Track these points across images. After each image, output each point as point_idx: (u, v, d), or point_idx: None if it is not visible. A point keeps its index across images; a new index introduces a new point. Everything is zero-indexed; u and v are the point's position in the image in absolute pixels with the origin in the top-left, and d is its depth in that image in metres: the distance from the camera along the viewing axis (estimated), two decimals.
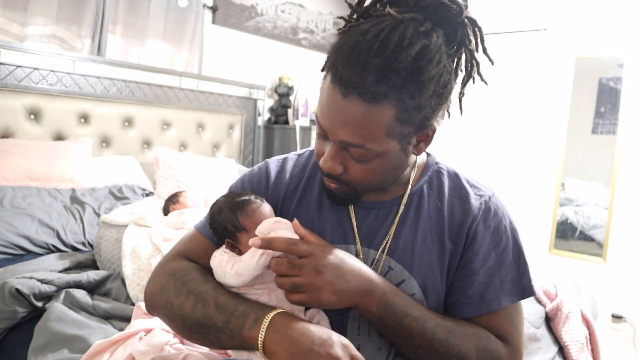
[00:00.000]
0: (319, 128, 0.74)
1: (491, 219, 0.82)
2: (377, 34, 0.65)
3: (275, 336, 0.65)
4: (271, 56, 3.45)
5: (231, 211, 0.80)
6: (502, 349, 0.78)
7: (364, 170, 0.73)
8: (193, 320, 0.73)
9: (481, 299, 0.79)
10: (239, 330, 0.68)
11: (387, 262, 0.80)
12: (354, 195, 0.79)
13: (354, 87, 0.65)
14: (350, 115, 0.67)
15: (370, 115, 0.66)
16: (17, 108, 2.19)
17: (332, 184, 0.77)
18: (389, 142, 0.70)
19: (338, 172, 0.74)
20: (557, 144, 3.16)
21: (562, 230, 3.17)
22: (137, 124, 2.65)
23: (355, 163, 0.73)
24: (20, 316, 1.32)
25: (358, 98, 0.65)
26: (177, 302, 0.76)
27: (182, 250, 0.88)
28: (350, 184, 0.76)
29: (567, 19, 3.08)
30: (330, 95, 0.68)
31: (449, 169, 0.88)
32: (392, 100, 0.65)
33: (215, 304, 0.72)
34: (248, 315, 0.69)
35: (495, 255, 0.81)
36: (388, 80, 0.64)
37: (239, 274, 0.74)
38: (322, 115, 0.71)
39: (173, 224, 1.77)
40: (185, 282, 0.78)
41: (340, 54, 0.67)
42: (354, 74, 0.65)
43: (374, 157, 0.71)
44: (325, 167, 0.74)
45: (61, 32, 2.39)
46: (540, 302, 1.61)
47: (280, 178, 0.89)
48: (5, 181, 1.98)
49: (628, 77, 2.89)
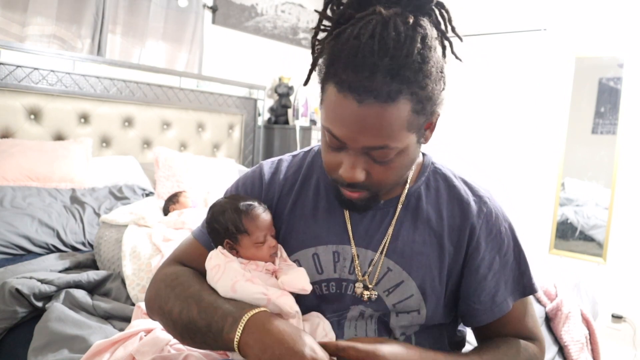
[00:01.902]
0: (333, 140, 0.71)
1: (492, 223, 0.82)
2: (372, 35, 0.64)
3: (249, 338, 0.66)
4: (271, 56, 3.45)
5: (235, 213, 0.81)
6: (535, 349, 0.82)
7: (385, 170, 0.72)
8: (181, 326, 0.74)
9: (493, 302, 0.81)
10: (219, 333, 0.69)
11: (386, 264, 0.80)
12: (375, 200, 0.77)
13: (368, 92, 0.64)
14: (370, 120, 0.66)
15: (389, 114, 0.65)
16: (17, 108, 2.19)
17: (355, 194, 0.75)
18: (408, 137, 0.69)
19: (361, 180, 0.72)
20: (557, 144, 3.16)
21: (562, 230, 3.17)
22: (137, 124, 2.65)
23: (376, 166, 0.71)
24: (20, 316, 1.32)
25: (374, 101, 0.64)
26: (167, 308, 0.77)
27: (178, 255, 0.90)
28: (373, 187, 0.74)
29: (567, 19, 3.08)
30: (342, 105, 0.66)
31: (445, 169, 0.88)
32: (406, 95, 0.65)
33: (198, 309, 0.73)
34: (226, 318, 0.69)
35: (499, 258, 0.82)
36: (400, 77, 0.64)
37: (233, 290, 0.74)
38: (338, 127, 0.69)
39: (173, 224, 1.77)
40: (174, 288, 0.79)
41: (339, 63, 0.66)
42: (364, 78, 0.64)
43: (395, 155, 0.70)
44: (348, 177, 0.71)
45: (61, 32, 2.38)
46: (540, 302, 1.61)
47: (274, 180, 0.89)
48: (5, 181, 1.98)
49: (628, 77, 2.89)
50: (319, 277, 0.82)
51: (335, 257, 0.82)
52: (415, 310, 0.80)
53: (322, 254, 0.82)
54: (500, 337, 0.84)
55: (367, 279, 0.80)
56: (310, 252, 0.82)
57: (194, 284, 0.78)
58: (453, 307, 0.85)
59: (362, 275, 0.81)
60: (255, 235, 0.80)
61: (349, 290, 0.81)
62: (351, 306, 0.81)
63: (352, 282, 0.81)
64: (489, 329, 0.84)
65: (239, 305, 0.71)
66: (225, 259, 0.79)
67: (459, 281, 0.83)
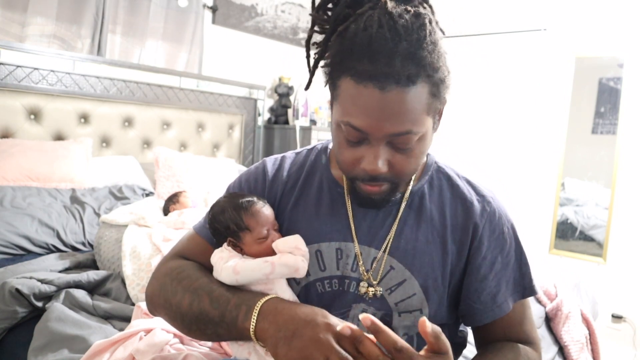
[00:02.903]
0: (353, 133, 0.70)
1: (496, 223, 0.82)
2: (380, 25, 0.65)
3: (264, 324, 0.67)
4: (271, 56, 3.45)
5: (235, 211, 0.82)
6: (535, 355, 0.83)
7: (407, 159, 0.72)
8: (191, 318, 0.74)
9: (494, 302, 0.81)
10: (234, 323, 0.70)
11: (389, 262, 0.80)
12: (394, 192, 0.77)
13: (389, 77, 0.65)
14: (394, 106, 0.66)
15: (411, 98, 0.66)
16: (17, 108, 2.19)
17: (376, 187, 0.74)
18: (428, 121, 0.70)
19: (384, 171, 0.71)
20: (557, 144, 3.15)
21: (562, 230, 3.17)
22: (137, 124, 2.65)
23: (398, 155, 0.71)
24: (20, 316, 1.32)
25: (396, 86, 0.65)
26: (174, 301, 0.77)
27: (180, 250, 0.89)
28: (394, 178, 0.74)
29: (567, 19, 3.08)
30: (363, 95, 0.67)
31: (448, 169, 0.88)
32: (424, 77, 0.66)
33: (209, 300, 0.73)
34: (240, 307, 0.70)
35: (501, 258, 0.82)
36: (417, 59, 0.65)
37: (236, 272, 0.75)
38: (360, 118, 0.68)
39: (173, 224, 1.77)
40: (181, 280, 0.79)
41: (353, 56, 0.67)
42: (383, 65, 0.64)
43: (416, 142, 0.71)
44: (372, 170, 0.71)
45: (61, 32, 2.38)
46: (540, 302, 1.61)
47: (277, 176, 0.89)
48: (5, 181, 1.98)
49: (628, 77, 2.89)
50: (322, 274, 0.82)
51: (338, 254, 0.82)
52: (418, 309, 0.80)
53: (325, 251, 0.82)
54: (499, 339, 0.84)
55: (370, 276, 0.81)
56: (313, 249, 0.82)
57: (202, 276, 0.79)
58: (455, 307, 0.85)
59: (366, 273, 0.81)
60: (256, 231, 0.80)
61: (351, 287, 0.81)
62: (353, 304, 0.81)
63: (354, 279, 0.81)
64: (488, 329, 0.84)
65: (251, 294, 0.72)
66: (230, 254, 0.80)
67: (461, 280, 0.83)
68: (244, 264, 0.76)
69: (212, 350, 1.01)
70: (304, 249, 0.79)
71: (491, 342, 0.85)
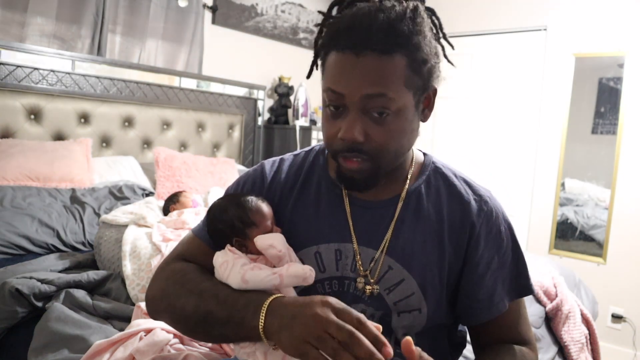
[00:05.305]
0: (333, 98, 0.73)
1: (493, 222, 0.83)
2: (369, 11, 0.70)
3: (272, 319, 0.67)
4: (271, 56, 3.45)
5: (239, 208, 0.82)
6: (530, 354, 0.83)
7: (384, 132, 0.73)
8: (197, 319, 0.74)
9: (490, 301, 0.81)
10: (242, 323, 0.70)
11: (387, 262, 0.81)
12: (376, 173, 0.76)
13: (366, 44, 0.69)
14: (368, 68, 0.69)
15: (385, 64, 0.69)
16: (17, 108, 2.19)
17: (354, 162, 0.74)
18: (407, 94, 0.72)
19: (360, 140, 0.72)
20: (557, 144, 3.15)
21: (562, 230, 3.17)
22: (137, 124, 2.65)
23: (375, 126, 0.72)
24: (20, 316, 1.32)
25: (372, 52, 0.69)
26: (178, 304, 0.77)
27: (180, 253, 0.89)
28: (372, 152, 0.74)
29: (567, 19, 3.08)
30: (341, 61, 0.71)
31: (445, 169, 0.88)
32: (402, 51, 0.70)
33: (216, 301, 0.73)
34: (248, 307, 0.70)
35: (498, 257, 0.82)
36: (396, 33, 0.69)
37: (244, 281, 0.74)
38: (337, 81, 0.72)
39: (173, 224, 1.77)
40: (184, 284, 0.79)
41: (338, 30, 0.72)
42: (362, 34, 0.69)
43: (393, 115, 0.72)
44: (347, 136, 0.72)
45: (61, 32, 2.38)
46: (540, 302, 1.61)
47: (276, 178, 0.89)
48: (5, 181, 1.98)
49: (628, 77, 2.89)
50: (321, 275, 0.82)
51: (337, 255, 0.82)
52: (417, 309, 0.80)
53: (324, 252, 0.82)
54: (495, 338, 0.84)
55: (368, 274, 0.81)
56: (312, 251, 0.82)
57: (205, 279, 0.79)
58: (453, 306, 0.85)
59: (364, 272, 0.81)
60: (263, 225, 0.81)
61: (350, 288, 0.82)
62: (352, 304, 0.81)
63: (353, 280, 0.81)
64: (484, 328, 0.85)
65: (258, 294, 0.72)
66: (234, 256, 0.79)
67: (458, 280, 0.83)
68: (253, 274, 0.75)
69: (212, 350, 1.01)
70: (278, 248, 0.78)
71: (487, 343, 0.85)
